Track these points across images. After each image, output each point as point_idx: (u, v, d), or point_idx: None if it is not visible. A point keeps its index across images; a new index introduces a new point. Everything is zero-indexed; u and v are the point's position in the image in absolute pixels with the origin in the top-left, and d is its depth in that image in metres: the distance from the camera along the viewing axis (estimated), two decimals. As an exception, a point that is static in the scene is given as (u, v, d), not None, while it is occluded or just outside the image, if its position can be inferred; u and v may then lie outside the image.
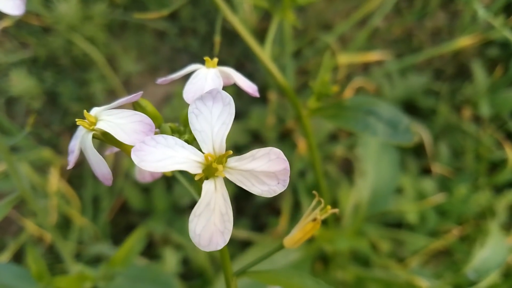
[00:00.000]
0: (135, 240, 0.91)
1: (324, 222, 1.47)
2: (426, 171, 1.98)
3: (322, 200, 0.55)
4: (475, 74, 2.07)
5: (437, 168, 1.92)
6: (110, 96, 2.12)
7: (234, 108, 0.49)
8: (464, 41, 2.01)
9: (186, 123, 0.57)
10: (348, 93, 1.92)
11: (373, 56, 2.03)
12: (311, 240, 1.43)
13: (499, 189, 1.87)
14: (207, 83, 0.58)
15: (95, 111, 0.55)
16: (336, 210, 0.55)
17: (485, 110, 1.99)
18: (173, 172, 0.62)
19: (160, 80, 0.62)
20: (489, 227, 1.65)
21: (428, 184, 1.85)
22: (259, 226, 1.90)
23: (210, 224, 0.46)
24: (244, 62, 2.22)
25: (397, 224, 1.82)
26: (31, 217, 1.85)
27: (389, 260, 1.64)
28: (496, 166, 1.95)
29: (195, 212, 0.46)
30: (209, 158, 0.47)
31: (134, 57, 2.19)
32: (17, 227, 1.90)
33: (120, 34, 2.24)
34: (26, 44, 2.16)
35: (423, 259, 1.73)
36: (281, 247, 0.59)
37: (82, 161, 2.05)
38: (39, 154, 1.88)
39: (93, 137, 0.53)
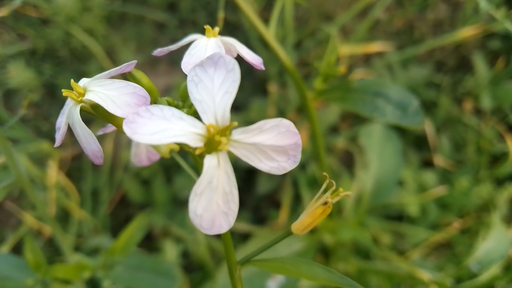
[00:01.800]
0: (134, 229, 0.89)
1: (333, 213, 1.47)
2: (427, 164, 1.97)
3: (334, 182, 0.50)
4: (476, 67, 2.06)
5: (438, 160, 1.91)
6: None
7: (239, 74, 0.44)
8: (466, 33, 1.99)
9: (184, 97, 0.53)
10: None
11: (375, 47, 2.02)
12: (313, 231, 1.42)
13: (500, 182, 1.87)
14: (207, 54, 0.53)
15: (84, 81, 0.50)
16: (348, 193, 0.50)
17: (486, 102, 1.98)
18: (171, 153, 0.58)
19: (156, 51, 0.57)
20: (491, 220, 1.64)
21: (429, 177, 1.84)
22: (260, 219, 1.90)
23: (213, 204, 0.42)
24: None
25: (398, 216, 1.81)
26: (30, 210, 1.84)
27: (390, 252, 1.64)
28: (497, 158, 1.94)
29: (195, 190, 0.41)
30: (211, 129, 0.42)
31: (134, 49, 2.17)
32: (16, 220, 1.89)
33: (119, 25, 2.22)
34: (24, 36, 2.14)
35: (424, 252, 1.72)
36: (288, 233, 0.54)
37: (81, 154, 2.04)
38: (38, 147, 1.87)
39: (81, 110, 0.48)
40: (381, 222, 1.72)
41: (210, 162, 0.42)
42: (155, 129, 0.40)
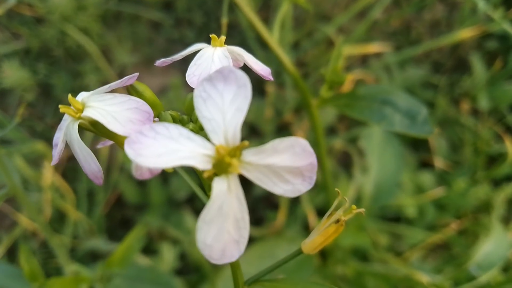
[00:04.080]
0: (133, 239, 0.87)
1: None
2: (423, 165, 1.96)
3: (347, 199, 0.47)
4: (474, 67, 2.05)
5: (438, 162, 1.91)
6: (105, 88, 2.08)
7: (251, 90, 0.40)
8: (463, 34, 1.98)
9: (190, 111, 0.50)
10: (347, 85, 1.90)
11: (372, 48, 2.01)
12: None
13: (497, 183, 1.87)
14: (214, 64, 0.50)
15: (82, 96, 0.47)
16: (362, 210, 0.48)
17: (483, 103, 1.98)
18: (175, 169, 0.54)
19: (159, 62, 0.54)
20: (489, 221, 1.64)
21: (426, 178, 1.84)
22: (257, 220, 1.88)
23: (223, 232, 0.38)
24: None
25: (395, 218, 1.81)
26: (25, 212, 1.82)
27: (388, 254, 1.63)
28: (494, 159, 1.94)
29: (204, 218, 0.38)
30: (221, 150, 0.39)
31: (129, 49, 2.15)
32: (10, 222, 1.87)
33: (114, 25, 2.20)
34: (18, 35, 2.12)
35: (421, 253, 1.72)
36: (299, 252, 0.51)
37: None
38: (32, 147, 1.85)
39: (80, 126, 0.46)
40: (378, 223, 1.71)
41: (219, 186, 0.39)
42: (161, 150, 0.37)
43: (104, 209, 1.89)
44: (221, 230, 0.38)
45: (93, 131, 0.46)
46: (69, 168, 1.98)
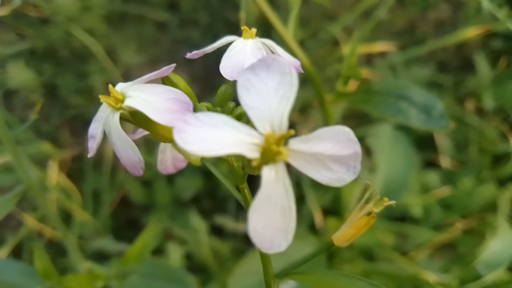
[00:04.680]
0: (148, 236, 0.87)
1: (339, 215, 1.45)
2: (429, 164, 1.96)
3: (377, 191, 0.48)
4: (478, 66, 2.05)
5: (444, 161, 1.91)
6: (110, 88, 2.08)
7: (297, 78, 0.40)
8: (468, 33, 1.98)
9: (222, 103, 0.51)
10: (353, 84, 1.90)
11: (377, 47, 2.01)
12: (324, 233, 1.41)
13: (502, 182, 1.86)
14: (246, 56, 0.50)
15: (121, 86, 0.47)
16: (393, 202, 0.48)
17: (488, 102, 1.98)
18: (202, 160, 0.54)
19: (190, 54, 0.54)
20: (494, 220, 1.64)
21: (432, 177, 1.84)
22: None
23: (272, 221, 0.39)
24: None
25: (401, 217, 1.81)
26: (31, 212, 1.82)
27: (394, 253, 1.63)
28: (500, 159, 1.94)
29: (254, 206, 0.38)
30: (270, 139, 0.38)
31: (134, 49, 2.16)
32: (16, 222, 1.88)
33: (119, 25, 2.21)
34: (24, 36, 2.12)
35: (428, 253, 1.72)
36: (330, 245, 0.51)
37: (81, 154, 2.03)
38: (38, 148, 1.85)
39: (120, 117, 0.45)
40: (384, 223, 1.71)
41: (268, 175, 0.39)
42: (209, 139, 0.37)
43: (109, 209, 1.89)
44: (269, 218, 0.38)
45: (132, 121, 0.46)
46: (74, 168, 1.98)
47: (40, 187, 1.75)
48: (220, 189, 1.90)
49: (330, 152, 0.40)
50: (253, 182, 0.52)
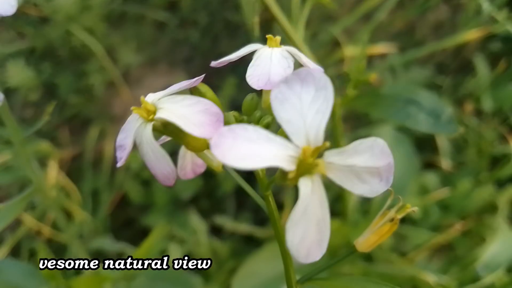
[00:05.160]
0: (155, 238, 0.87)
1: (340, 216, 1.45)
2: (428, 165, 1.97)
3: (401, 198, 0.49)
4: (477, 68, 2.06)
5: (444, 162, 1.91)
6: (109, 88, 2.08)
7: (332, 92, 0.40)
8: (467, 35, 1.99)
9: (249, 112, 0.51)
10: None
11: (377, 49, 2.01)
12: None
13: (501, 184, 1.87)
14: (272, 65, 0.50)
15: (151, 98, 0.47)
16: (415, 209, 0.48)
17: (487, 104, 1.99)
18: (224, 167, 0.54)
19: (215, 63, 0.55)
20: (492, 222, 1.64)
21: (430, 179, 1.84)
22: (261, 220, 1.89)
23: (308, 233, 0.39)
24: (246, 56, 2.20)
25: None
26: (29, 211, 1.82)
27: (392, 254, 1.63)
28: (498, 160, 1.95)
29: (292, 218, 0.38)
30: (307, 151, 0.39)
31: (134, 48, 2.16)
32: (14, 221, 1.87)
33: (119, 25, 2.20)
34: (23, 35, 2.12)
35: (426, 254, 1.72)
36: (353, 251, 0.52)
37: (81, 153, 2.03)
38: (37, 147, 1.85)
39: (153, 129, 0.46)
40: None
41: (305, 187, 0.39)
42: (245, 151, 0.37)
43: (109, 209, 1.89)
44: (306, 230, 0.39)
45: (164, 132, 0.47)
46: (74, 168, 1.98)
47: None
48: (219, 189, 1.90)
49: (365, 164, 0.41)
50: (252, 177, 0.52)
